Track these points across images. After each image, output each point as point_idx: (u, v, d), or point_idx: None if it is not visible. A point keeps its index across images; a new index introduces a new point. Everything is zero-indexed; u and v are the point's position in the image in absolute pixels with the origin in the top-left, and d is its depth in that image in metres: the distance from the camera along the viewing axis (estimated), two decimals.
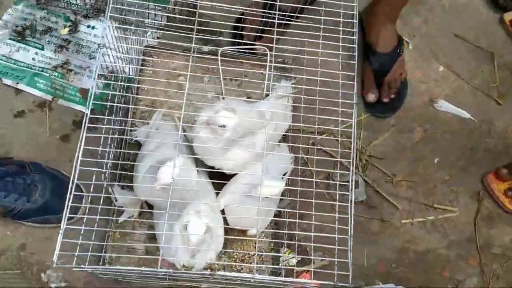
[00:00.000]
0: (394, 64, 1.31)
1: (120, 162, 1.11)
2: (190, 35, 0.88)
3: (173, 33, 1.24)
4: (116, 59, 1.04)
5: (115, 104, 1.04)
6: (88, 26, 1.28)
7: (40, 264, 1.11)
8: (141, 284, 1.11)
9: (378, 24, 1.30)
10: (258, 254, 1.17)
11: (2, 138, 1.17)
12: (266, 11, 1.20)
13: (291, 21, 1.18)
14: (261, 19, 1.24)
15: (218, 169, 1.00)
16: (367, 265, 1.22)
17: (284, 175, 1.11)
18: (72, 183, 0.77)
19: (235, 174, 1.04)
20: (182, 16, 1.25)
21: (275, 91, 1.24)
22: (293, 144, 1.18)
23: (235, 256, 1.16)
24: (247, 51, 1.19)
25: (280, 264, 1.14)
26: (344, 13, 0.90)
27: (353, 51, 0.88)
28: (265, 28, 1.22)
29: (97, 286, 1.11)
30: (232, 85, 1.29)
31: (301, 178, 1.02)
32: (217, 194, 1.03)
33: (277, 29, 0.96)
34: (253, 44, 1.25)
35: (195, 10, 0.98)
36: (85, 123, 0.80)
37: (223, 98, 0.91)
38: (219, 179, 1.02)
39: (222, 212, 1.02)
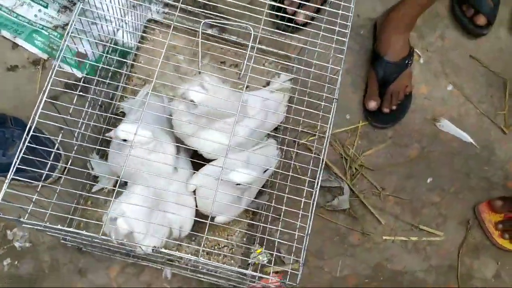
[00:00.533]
0: (400, 75, 1.27)
1: (102, 130, 1.09)
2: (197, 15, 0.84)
3: (179, 12, 1.21)
4: (116, 29, 1.02)
5: (111, 68, 1.02)
6: None
7: (8, 222, 1.09)
8: (104, 257, 1.09)
9: (391, 31, 1.26)
10: (228, 247, 1.14)
11: None
12: None
13: None
14: None
15: (197, 151, 0.98)
16: (340, 275, 1.18)
17: (265, 171, 1.07)
18: (29, 129, 0.74)
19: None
20: None
21: (272, 84, 1.22)
22: (282, 136, 1.15)
23: (205, 245, 1.13)
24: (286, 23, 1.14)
25: (250, 261, 1.11)
26: (344, 5, 0.86)
27: (345, 45, 0.84)
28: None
29: (60, 252, 1.09)
30: (231, 72, 1.26)
31: (282, 172, 0.98)
32: None
33: None
34: (294, 15, 1.23)
35: None
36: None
37: (199, 73, 0.87)
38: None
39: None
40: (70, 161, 0.94)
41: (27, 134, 0.76)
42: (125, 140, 0.86)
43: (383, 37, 1.27)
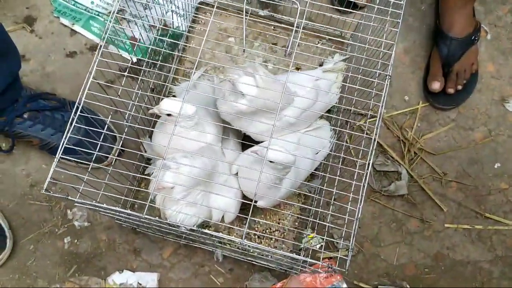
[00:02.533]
0: (466, 52, 1.18)
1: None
2: None
3: None
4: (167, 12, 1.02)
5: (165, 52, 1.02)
6: None
7: (69, 201, 1.13)
8: (158, 239, 1.10)
9: (454, 6, 1.17)
10: (279, 231, 1.12)
11: (52, 75, 1.20)
12: None
13: None
14: None
15: (244, 133, 0.96)
16: (397, 264, 1.13)
17: (317, 153, 1.04)
18: (77, 108, 0.76)
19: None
20: None
21: (326, 64, 1.17)
22: (335, 117, 1.11)
23: (256, 228, 1.12)
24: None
25: (302, 246, 1.08)
26: None
27: (399, 18, 0.78)
28: None
29: (116, 232, 1.12)
30: (282, 54, 1.23)
31: (335, 153, 0.94)
32: None
33: None
34: None
35: None
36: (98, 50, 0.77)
37: (244, 51, 0.85)
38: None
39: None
40: (120, 142, 0.96)
41: (75, 114, 0.77)
42: (169, 115, 0.86)
43: (446, 12, 1.19)
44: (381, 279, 1.12)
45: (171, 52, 1.21)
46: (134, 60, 1.21)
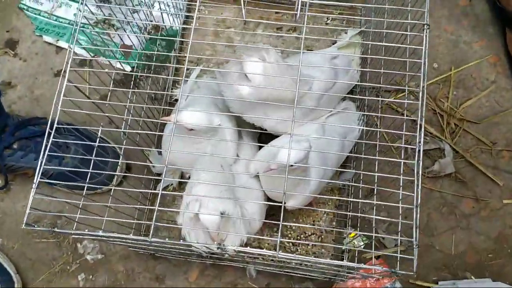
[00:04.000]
0: None
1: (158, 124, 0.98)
2: None
3: None
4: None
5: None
6: None
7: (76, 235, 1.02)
8: (181, 262, 0.98)
9: None
10: (316, 234, 0.99)
11: (42, 98, 1.10)
12: None
13: None
14: None
15: (259, 128, 0.83)
16: (455, 253, 0.98)
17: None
18: (52, 124, 0.65)
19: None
20: None
21: (339, 41, 1.04)
22: (362, 97, 0.97)
23: (289, 235, 0.99)
24: None
25: (344, 247, 0.95)
26: None
27: None
28: None
29: (134, 260, 0.99)
30: (290, 36, 1.10)
31: (366, 142, 0.81)
32: None
33: None
34: None
35: None
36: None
37: (245, 23, 0.72)
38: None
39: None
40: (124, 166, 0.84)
41: (51, 128, 0.66)
42: (191, 130, 0.75)
43: None
44: (440, 273, 0.97)
45: (167, 53, 1.09)
46: (128, 69, 1.10)
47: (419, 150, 0.62)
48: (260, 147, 0.88)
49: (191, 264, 0.99)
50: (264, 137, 0.93)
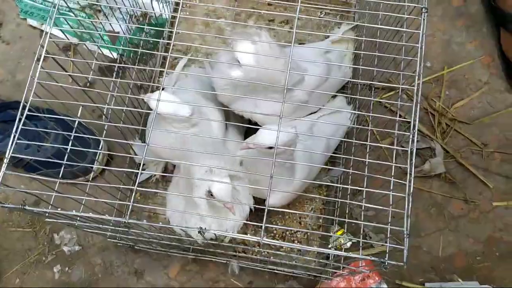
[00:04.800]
0: None
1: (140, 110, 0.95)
2: None
3: None
4: None
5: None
6: None
7: (54, 224, 0.98)
8: (162, 256, 0.95)
9: None
10: (302, 232, 0.96)
11: (24, 83, 1.06)
12: None
13: None
14: None
15: (247, 122, 0.81)
16: (443, 255, 0.96)
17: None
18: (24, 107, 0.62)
19: None
20: None
21: (332, 36, 1.02)
22: (351, 96, 0.95)
23: (274, 232, 0.96)
24: None
25: (330, 246, 0.92)
26: None
27: None
28: None
29: (113, 253, 0.96)
30: (283, 30, 1.08)
31: (356, 142, 0.78)
32: None
33: None
34: None
35: None
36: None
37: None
38: None
39: None
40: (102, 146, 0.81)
41: (22, 114, 0.63)
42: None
43: None
44: (427, 274, 0.95)
45: (156, 39, 1.06)
46: (115, 56, 1.07)
47: (411, 140, 0.59)
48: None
49: (172, 259, 0.95)
50: (251, 133, 0.91)
